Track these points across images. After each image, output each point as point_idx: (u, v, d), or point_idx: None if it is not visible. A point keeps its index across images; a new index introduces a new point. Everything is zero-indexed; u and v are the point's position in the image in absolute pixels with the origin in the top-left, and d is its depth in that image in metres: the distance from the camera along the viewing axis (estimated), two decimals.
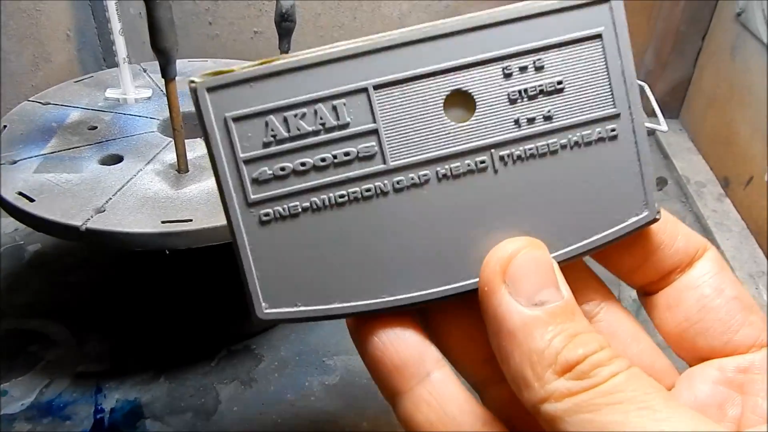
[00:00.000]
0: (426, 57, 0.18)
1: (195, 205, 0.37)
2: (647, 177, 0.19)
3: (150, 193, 0.38)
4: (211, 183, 0.39)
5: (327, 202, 0.18)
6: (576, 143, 0.19)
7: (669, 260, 0.20)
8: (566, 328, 0.17)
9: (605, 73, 0.19)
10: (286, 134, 0.18)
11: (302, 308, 0.18)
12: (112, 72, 0.52)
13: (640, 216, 0.19)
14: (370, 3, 0.77)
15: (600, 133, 0.19)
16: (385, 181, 0.18)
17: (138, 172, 0.40)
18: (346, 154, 0.18)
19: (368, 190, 0.18)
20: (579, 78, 0.19)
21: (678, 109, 0.77)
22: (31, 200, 0.37)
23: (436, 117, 0.18)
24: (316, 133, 0.18)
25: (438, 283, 0.19)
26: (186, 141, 0.40)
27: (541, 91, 0.18)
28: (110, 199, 0.38)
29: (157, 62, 0.37)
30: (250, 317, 0.19)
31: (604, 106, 0.19)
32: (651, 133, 0.72)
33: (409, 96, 0.18)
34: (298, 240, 0.18)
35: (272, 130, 0.18)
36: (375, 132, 0.18)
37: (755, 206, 0.58)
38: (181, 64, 0.54)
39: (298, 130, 0.18)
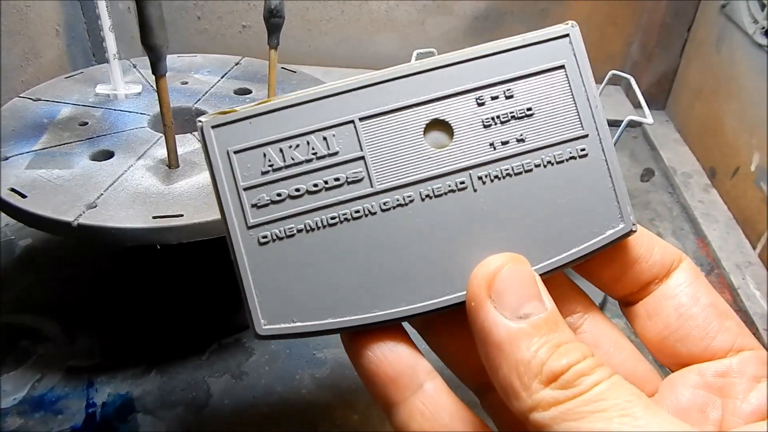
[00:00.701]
0: (405, 91, 0.20)
1: (186, 200, 0.38)
2: (620, 191, 0.20)
3: (141, 189, 0.39)
4: (201, 178, 0.40)
5: (320, 223, 0.20)
6: (549, 162, 0.20)
7: (647, 272, 0.21)
8: (550, 339, 0.17)
9: (571, 98, 0.20)
10: (282, 163, 0.20)
11: (298, 324, 0.19)
12: (102, 68, 0.52)
13: (617, 228, 0.20)
14: None
15: (570, 152, 0.20)
16: (373, 203, 0.20)
17: (129, 168, 0.40)
18: (336, 179, 0.20)
19: (357, 211, 0.20)
20: (547, 104, 0.20)
21: (664, 101, 0.78)
22: (23, 196, 0.37)
23: (418, 144, 0.20)
24: (308, 161, 0.20)
25: (426, 298, 0.20)
26: (176, 137, 0.41)
27: (513, 117, 0.20)
28: (101, 194, 0.38)
29: (146, 57, 0.37)
30: (249, 326, 0.20)
31: (572, 128, 0.20)
32: (637, 125, 0.73)
33: (391, 126, 0.20)
34: (293, 259, 0.20)
35: (269, 160, 0.20)
36: (362, 158, 0.20)
37: (742, 196, 0.59)
38: (170, 60, 0.54)
39: (293, 159, 0.20)
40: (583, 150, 0.20)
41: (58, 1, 0.67)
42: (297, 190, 0.20)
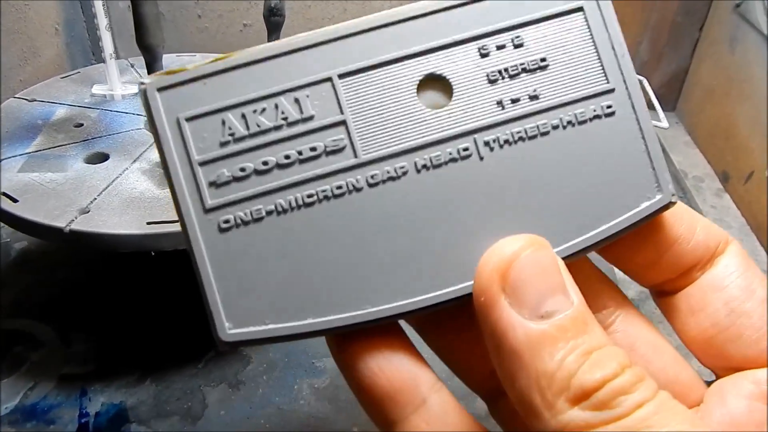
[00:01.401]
0: (394, 42, 0.17)
1: None
2: (655, 156, 0.17)
3: (136, 193, 0.37)
4: None
5: (294, 203, 0.16)
6: (569, 122, 0.17)
7: (688, 255, 0.18)
8: (579, 344, 0.14)
9: (592, 46, 0.17)
10: (245, 132, 0.16)
11: (271, 326, 0.16)
12: (99, 68, 0.51)
13: (653, 200, 0.17)
14: None
15: (595, 110, 0.17)
16: (358, 176, 0.17)
17: (124, 171, 0.39)
18: (312, 149, 0.16)
19: (339, 187, 0.16)
20: (564, 53, 0.17)
21: (675, 102, 0.76)
22: (15, 200, 0.36)
23: (410, 104, 0.17)
24: (278, 128, 0.16)
25: (426, 290, 0.17)
26: None
27: (524, 69, 0.17)
28: (95, 199, 0.37)
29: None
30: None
31: (595, 82, 0.17)
32: None
33: (378, 83, 0.17)
34: (263, 248, 0.16)
35: (229, 128, 0.16)
36: (343, 123, 0.17)
37: (756, 202, 0.57)
38: (169, 59, 0.53)
39: (258, 126, 0.16)
40: (609, 107, 0.17)
41: (58, 0, 0.66)
42: (264, 163, 0.16)
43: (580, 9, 0.17)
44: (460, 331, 0.18)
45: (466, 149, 0.17)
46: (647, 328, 0.19)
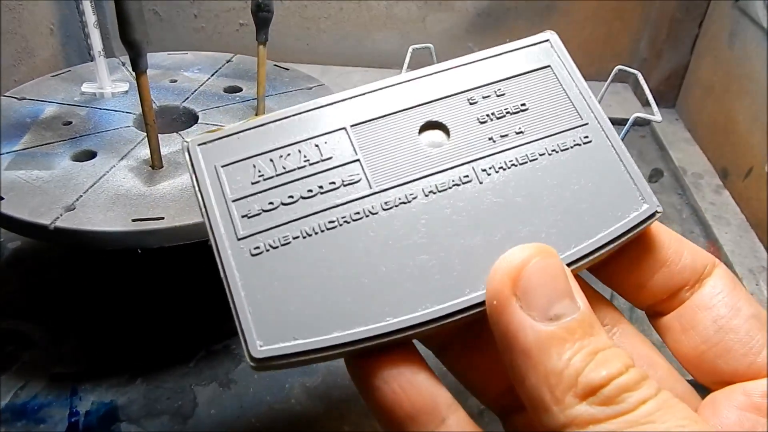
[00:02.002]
0: (396, 99, 0.20)
1: (167, 202, 0.36)
2: (634, 174, 0.20)
3: (122, 190, 0.37)
4: (185, 179, 0.38)
5: (317, 228, 0.18)
6: (553, 150, 0.19)
7: (676, 277, 0.19)
8: (585, 345, 0.15)
9: (563, 92, 0.20)
10: (272, 173, 0.19)
11: (300, 341, 0.17)
12: (89, 66, 0.51)
13: (641, 210, 0.19)
14: None
15: (574, 140, 0.20)
16: (373, 203, 0.19)
17: (111, 169, 0.39)
18: (332, 182, 0.19)
19: (357, 212, 0.18)
20: (540, 99, 0.20)
21: (674, 99, 0.75)
22: (0, 198, 0.36)
23: (414, 144, 0.19)
24: (301, 168, 0.19)
25: (444, 300, 0.18)
26: (160, 136, 0.39)
27: (508, 112, 0.20)
28: (81, 196, 0.36)
29: None
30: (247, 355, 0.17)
31: (570, 119, 0.20)
32: (645, 123, 0.71)
33: (384, 129, 0.19)
34: (290, 269, 0.18)
35: (259, 171, 0.19)
36: (357, 161, 0.19)
37: (755, 198, 0.57)
38: (160, 57, 0.53)
39: (284, 168, 0.19)
40: (586, 137, 0.20)
41: (53, 0, 0.66)
42: (290, 196, 0.18)
43: (548, 66, 0.21)
44: (476, 351, 0.20)
45: (466, 176, 0.19)
46: (643, 344, 0.20)
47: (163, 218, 0.35)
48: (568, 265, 0.18)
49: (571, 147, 0.20)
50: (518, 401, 0.17)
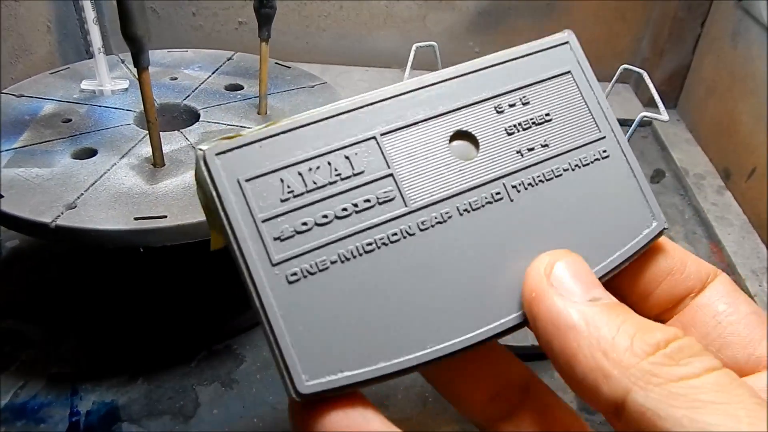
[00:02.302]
0: (423, 103, 0.19)
1: (170, 200, 0.36)
2: (646, 189, 0.20)
3: (124, 188, 0.37)
4: (187, 177, 0.38)
5: (355, 251, 0.17)
6: (576, 165, 0.20)
7: (681, 285, 0.20)
8: (630, 318, 0.16)
9: (582, 102, 0.20)
10: (303, 188, 0.17)
11: (346, 374, 0.16)
12: (88, 63, 0.50)
13: (651, 227, 0.20)
14: None
15: (594, 154, 0.20)
16: (410, 223, 0.18)
17: (112, 167, 0.39)
18: (367, 200, 0.18)
19: (394, 233, 0.18)
20: (562, 109, 0.20)
21: (676, 99, 0.75)
22: (0, 196, 0.36)
23: (445, 157, 0.19)
24: (333, 183, 0.18)
25: (484, 322, 0.18)
26: (163, 134, 0.39)
27: (533, 123, 0.20)
28: (82, 194, 0.36)
29: None
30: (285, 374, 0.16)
31: (590, 131, 0.20)
32: (648, 123, 0.71)
33: (415, 140, 0.19)
34: (330, 296, 0.17)
35: (288, 186, 0.17)
36: (391, 176, 0.18)
37: (758, 199, 0.56)
38: (160, 54, 0.53)
39: (315, 183, 0.17)
40: (604, 151, 0.20)
41: None
42: (324, 216, 0.17)
43: (568, 72, 0.21)
44: (460, 366, 0.20)
45: (498, 193, 0.19)
46: None
47: (165, 216, 0.34)
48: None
49: (592, 162, 0.20)
50: (503, 410, 0.18)
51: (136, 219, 0.34)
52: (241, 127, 0.43)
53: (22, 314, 0.45)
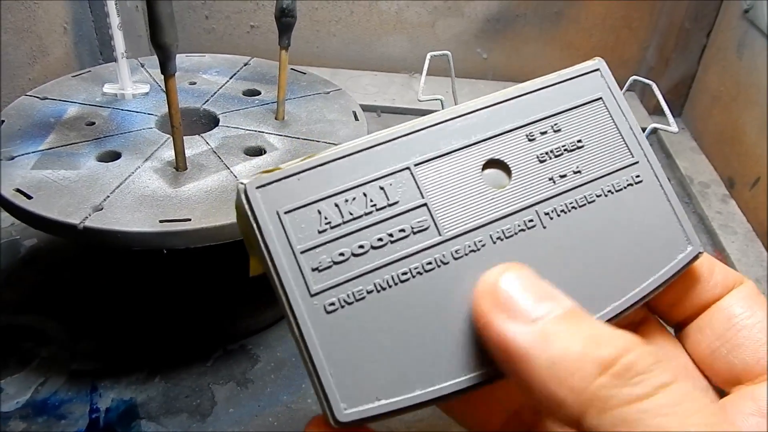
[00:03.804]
0: (455, 133, 0.19)
1: (193, 204, 0.37)
2: (680, 213, 0.20)
3: (148, 191, 0.38)
4: (209, 181, 0.39)
5: (391, 281, 0.18)
6: (609, 191, 0.20)
7: (708, 293, 0.20)
8: (579, 331, 0.15)
9: (614, 127, 0.21)
10: (339, 219, 0.18)
11: (384, 402, 0.17)
12: (109, 66, 0.51)
13: (686, 252, 0.20)
14: None
15: (627, 180, 0.20)
16: (444, 252, 0.18)
17: (136, 170, 0.40)
18: (402, 230, 0.18)
19: (429, 262, 0.18)
20: (594, 135, 0.20)
21: (681, 108, 0.76)
22: (29, 197, 0.36)
23: (478, 185, 0.19)
24: (368, 214, 0.18)
25: None
26: (184, 138, 0.40)
27: (565, 149, 0.20)
28: (108, 196, 0.37)
29: (154, 57, 0.36)
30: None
31: (622, 156, 0.20)
32: (653, 132, 0.72)
33: (448, 169, 0.19)
34: (368, 325, 0.17)
35: (326, 218, 0.18)
36: (425, 206, 0.19)
37: (762, 208, 0.57)
38: (178, 59, 0.53)
39: (351, 214, 0.18)
40: (637, 176, 0.20)
41: None
42: (361, 246, 0.18)
43: (599, 99, 0.21)
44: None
45: (531, 220, 0.19)
46: (665, 338, 0.21)
47: (189, 219, 0.35)
48: (629, 308, 0.19)
49: (625, 187, 0.20)
50: (520, 426, 0.18)
51: (161, 221, 0.35)
52: (260, 132, 0.44)
53: (41, 311, 0.46)
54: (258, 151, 0.42)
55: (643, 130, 0.40)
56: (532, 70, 0.81)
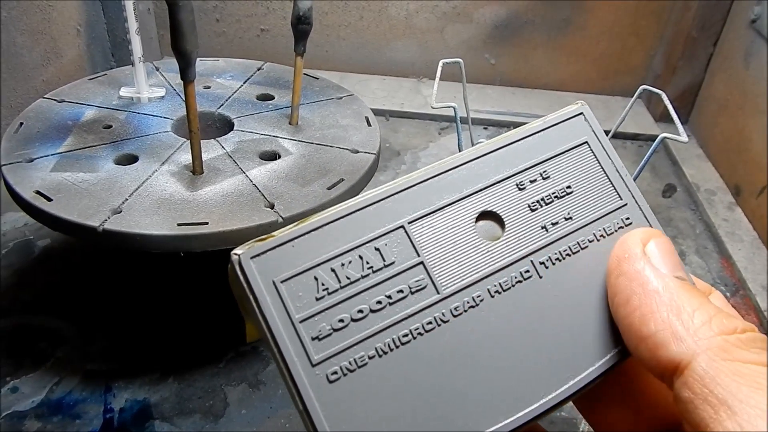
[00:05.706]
0: (446, 188, 0.19)
1: (210, 207, 0.37)
2: None
3: (166, 195, 0.38)
4: (226, 185, 0.39)
5: (392, 344, 0.17)
6: (601, 235, 0.20)
7: None
8: (709, 303, 0.16)
9: (601, 171, 0.21)
10: (337, 285, 0.17)
11: None
12: (125, 70, 0.52)
13: None
14: (378, 3, 0.77)
15: (617, 222, 0.20)
16: (443, 310, 0.18)
17: (153, 173, 0.40)
18: (400, 291, 0.18)
19: (429, 322, 0.18)
20: (582, 180, 0.21)
21: (688, 116, 0.77)
22: (49, 199, 0.37)
23: (472, 239, 0.19)
24: (365, 277, 0.18)
25: (524, 404, 0.18)
26: (200, 142, 0.40)
27: (555, 197, 0.20)
28: (126, 200, 0.37)
29: (168, 60, 0.37)
30: None
31: (611, 199, 0.21)
32: (663, 141, 0.72)
33: (442, 225, 0.19)
34: (370, 392, 0.17)
35: (323, 284, 0.17)
36: (421, 264, 0.18)
37: None
38: None
39: (348, 278, 0.18)
40: (627, 218, 0.20)
41: (80, 0, 0.67)
42: (360, 311, 0.17)
43: (585, 143, 0.21)
44: (612, 404, 0.20)
45: (527, 271, 0.19)
46: None
47: (207, 223, 0.36)
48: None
49: (616, 230, 0.20)
50: None
51: (179, 225, 0.36)
52: (275, 136, 0.45)
53: (55, 311, 0.47)
54: (273, 156, 0.43)
55: (653, 139, 0.40)
56: (540, 76, 0.82)
